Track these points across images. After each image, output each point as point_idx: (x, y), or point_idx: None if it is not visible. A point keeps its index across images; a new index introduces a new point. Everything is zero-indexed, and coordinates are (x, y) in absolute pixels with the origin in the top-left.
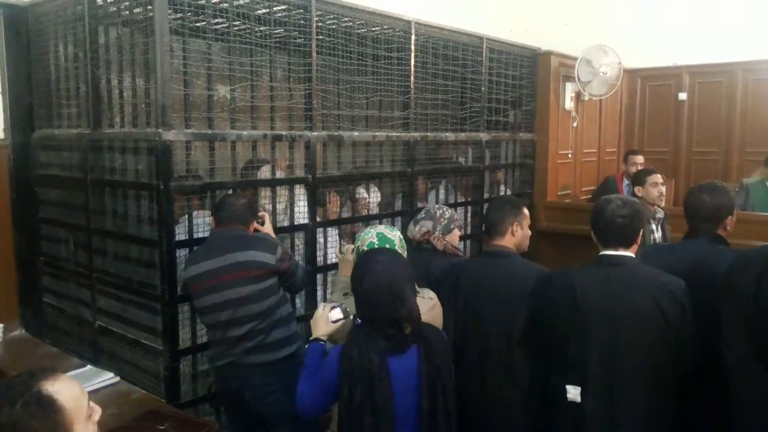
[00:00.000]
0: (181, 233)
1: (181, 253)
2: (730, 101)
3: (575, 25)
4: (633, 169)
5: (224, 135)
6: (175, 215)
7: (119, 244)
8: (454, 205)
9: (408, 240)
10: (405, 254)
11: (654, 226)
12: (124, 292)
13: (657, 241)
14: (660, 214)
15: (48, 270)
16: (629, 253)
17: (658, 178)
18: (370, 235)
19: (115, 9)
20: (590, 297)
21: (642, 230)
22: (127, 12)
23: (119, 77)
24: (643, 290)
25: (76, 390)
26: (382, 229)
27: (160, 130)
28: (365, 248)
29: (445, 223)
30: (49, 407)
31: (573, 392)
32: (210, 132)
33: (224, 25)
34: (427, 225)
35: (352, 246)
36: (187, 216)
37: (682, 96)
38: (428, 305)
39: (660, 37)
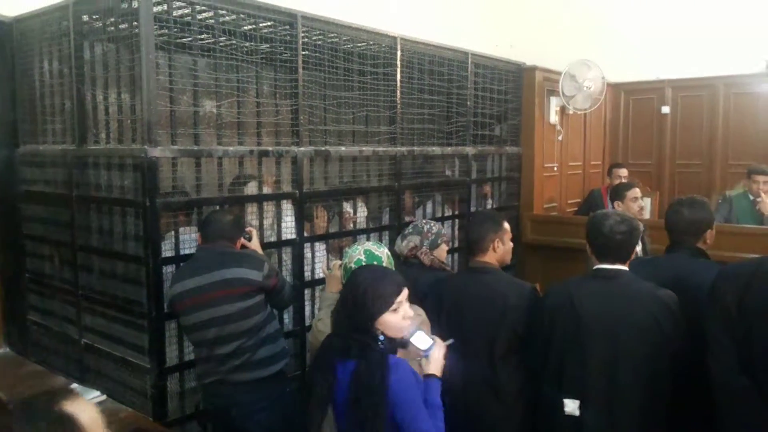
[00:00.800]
0: (167, 250)
1: (168, 270)
2: (712, 115)
3: (559, 40)
4: (617, 182)
5: (210, 151)
6: (161, 232)
7: (105, 261)
8: (441, 219)
9: (395, 255)
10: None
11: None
12: (110, 309)
13: (638, 254)
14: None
15: (33, 287)
16: (624, 267)
17: (637, 192)
18: (358, 252)
19: (100, 25)
20: (588, 310)
21: (636, 244)
22: (112, 28)
23: (105, 93)
24: (640, 303)
25: (94, 411)
26: (370, 246)
27: (145, 146)
28: (353, 265)
29: (433, 238)
30: (71, 427)
31: (571, 406)
32: (196, 148)
33: (210, 40)
34: (415, 240)
35: (340, 262)
36: (173, 232)
37: (665, 110)
38: (415, 322)
39: (642, 52)
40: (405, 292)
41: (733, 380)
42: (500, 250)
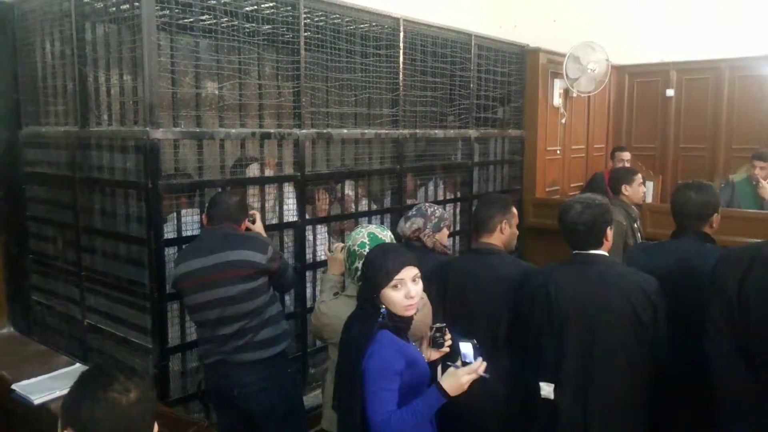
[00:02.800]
0: (169, 232)
1: (170, 252)
2: (716, 98)
3: (564, 22)
4: (619, 165)
5: (212, 133)
6: (163, 214)
7: (108, 242)
8: (443, 202)
9: (398, 236)
10: None
11: (638, 225)
12: (113, 290)
13: (637, 240)
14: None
15: (36, 268)
16: (601, 252)
17: (641, 177)
18: (361, 235)
19: (102, 5)
20: (564, 295)
21: (609, 227)
22: (114, 9)
23: (107, 74)
24: (616, 288)
25: None
26: (373, 228)
27: (147, 128)
28: (356, 248)
29: (436, 222)
30: (145, 379)
31: (546, 389)
32: (198, 130)
33: (212, 21)
34: (418, 222)
35: (342, 245)
36: (175, 214)
37: (670, 92)
38: (419, 305)
39: (647, 34)
40: (410, 270)
41: (730, 364)
42: (507, 232)
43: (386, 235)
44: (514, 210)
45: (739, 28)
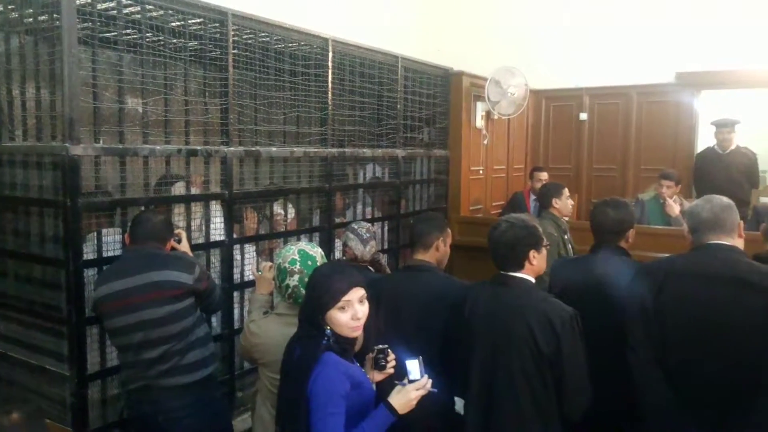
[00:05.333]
0: (88, 252)
1: (89, 273)
2: (626, 121)
3: (484, 47)
4: (538, 185)
5: (136, 149)
6: (82, 233)
7: (21, 264)
8: (371, 221)
9: (354, 258)
10: None
11: (568, 236)
12: (26, 316)
13: (568, 254)
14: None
15: None
16: (522, 275)
17: (568, 191)
18: (292, 252)
19: (17, 15)
20: (476, 314)
21: (534, 250)
22: (30, 19)
23: (22, 88)
24: (521, 315)
25: None
26: (304, 246)
27: (67, 144)
28: (287, 265)
29: (367, 238)
30: None
31: (458, 404)
32: (121, 146)
33: (136, 36)
34: (372, 244)
35: (270, 264)
36: (95, 234)
37: (583, 116)
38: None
39: (562, 61)
40: (357, 291)
41: (650, 373)
42: (442, 250)
43: (316, 252)
44: (449, 230)
45: (647, 57)
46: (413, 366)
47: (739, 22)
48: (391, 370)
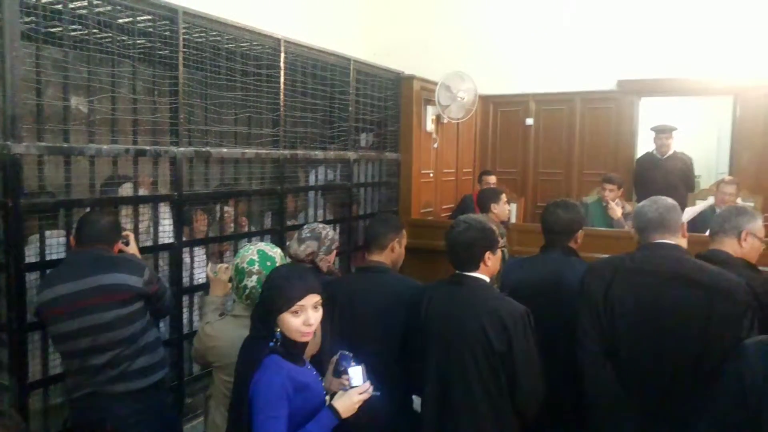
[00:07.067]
0: (31, 255)
1: (32, 277)
2: (570, 127)
3: (434, 52)
4: (486, 188)
5: (82, 149)
6: (24, 235)
7: None
8: (324, 223)
9: (291, 258)
10: None
11: (503, 240)
12: None
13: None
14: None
15: None
16: (476, 274)
17: (506, 197)
18: (250, 252)
19: None
20: (432, 313)
21: (490, 251)
22: None
23: None
24: (474, 313)
25: None
26: (263, 246)
27: (8, 142)
28: (245, 265)
29: (328, 245)
30: None
31: (416, 402)
32: (66, 146)
33: (83, 32)
34: (313, 245)
35: (226, 265)
36: (38, 236)
37: (529, 121)
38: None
39: (510, 67)
40: (312, 297)
41: (598, 368)
42: (397, 251)
43: (276, 252)
44: (404, 231)
45: (590, 65)
46: (356, 372)
47: (677, 33)
48: (346, 382)
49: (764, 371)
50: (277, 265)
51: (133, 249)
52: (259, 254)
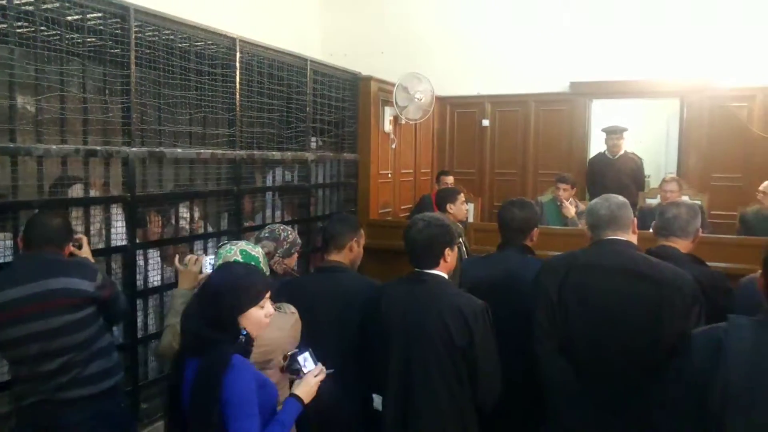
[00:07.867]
0: None
1: None
2: (525, 128)
3: (392, 54)
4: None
5: (29, 149)
6: None
7: None
8: (282, 224)
9: None
10: (267, 271)
11: (463, 239)
12: None
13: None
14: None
15: None
16: (436, 272)
17: (463, 197)
18: (233, 252)
19: None
20: (392, 311)
21: (449, 248)
22: None
23: None
24: (435, 309)
25: None
26: (245, 245)
27: None
28: None
29: (287, 247)
30: None
31: (377, 401)
32: (12, 146)
33: (30, 29)
34: (269, 246)
35: (196, 256)
36: None
37: (485, 122)
38: (290, 321)
39: (466, 69)
40: (269, 290)
41: (554, 361)
42: (355, 251)
43: (258, 252)
44: (362, 231)
45: (543, 68)
46: (305, 358)
47: (627, 37)
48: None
49: (710, 359)
50: (261, 264)
51: (85, 252)
52: (242, 254)
